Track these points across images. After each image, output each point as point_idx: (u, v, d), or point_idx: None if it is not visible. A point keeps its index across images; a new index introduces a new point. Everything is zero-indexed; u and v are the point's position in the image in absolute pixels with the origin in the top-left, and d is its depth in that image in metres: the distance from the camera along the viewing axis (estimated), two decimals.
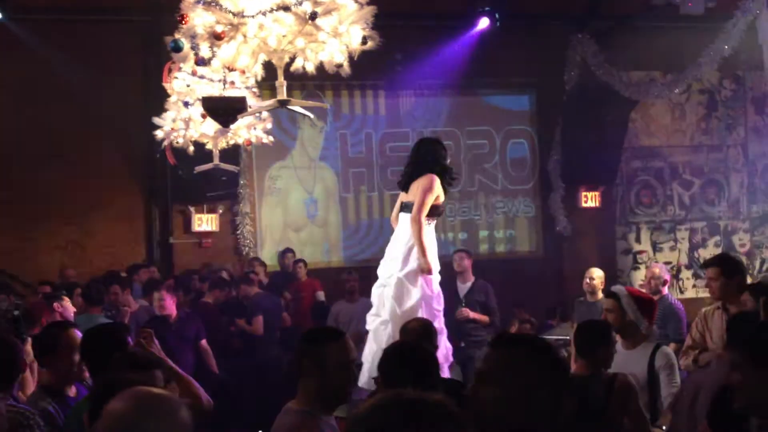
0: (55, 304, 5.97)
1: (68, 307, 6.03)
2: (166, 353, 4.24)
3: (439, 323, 5.97)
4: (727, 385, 2.94)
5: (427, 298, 5.93)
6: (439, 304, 6.10)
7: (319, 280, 10.29)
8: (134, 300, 8.28)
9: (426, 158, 6.09)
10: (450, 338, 6.28)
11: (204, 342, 7.75)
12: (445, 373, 5.80)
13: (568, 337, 6.78)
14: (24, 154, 10.50)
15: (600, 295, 7.24)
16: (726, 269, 5.38)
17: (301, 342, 3.32)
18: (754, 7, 9.34)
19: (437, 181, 5.98)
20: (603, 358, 4.45)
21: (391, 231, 6.31)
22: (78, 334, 4.05)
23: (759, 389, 2.77)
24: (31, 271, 10.08)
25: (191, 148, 6.97)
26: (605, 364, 4.45)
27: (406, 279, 5.92)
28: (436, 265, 6.04)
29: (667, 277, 7.43)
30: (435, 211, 6.06)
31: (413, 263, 5.91)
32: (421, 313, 5.74)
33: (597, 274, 7.69)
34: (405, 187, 6.13)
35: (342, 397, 3.24)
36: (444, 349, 5.89)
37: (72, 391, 4.02)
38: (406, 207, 6.08)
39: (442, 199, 6.06)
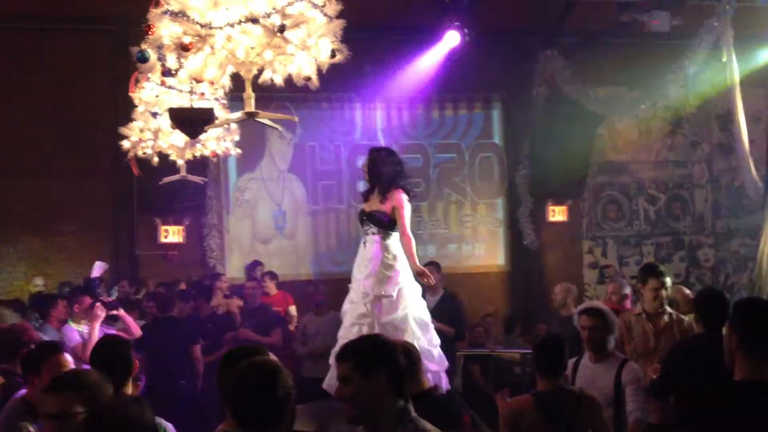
0: None
1: None
2: None
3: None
4: None
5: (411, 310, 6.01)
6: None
7: (290, 294, 10.17)
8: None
9: (389, 174, 6.11)
10: None
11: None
12: (444, 382, 5.95)
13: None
14: None
15: (572, 309, 7.31)
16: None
17: (220, 366, 3.18)
18: (718, 25, 9.50)
19: (406, 200, 6.06)
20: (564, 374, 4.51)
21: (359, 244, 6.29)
22: (69, 360, 3.97)
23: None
24: None
25: (156, 159, 6.91)
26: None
27: (395, 295, 5.98)
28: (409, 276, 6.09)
29: (629, 291, 7.50)
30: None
31: (395, 280, 5.97)
32: (407, 328, 5.85)
33: (563, 289, 7.82)
34: (367, 198, 6.19)
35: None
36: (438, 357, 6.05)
37: None
38: (370, 217, 6.09)
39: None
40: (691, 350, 4.93)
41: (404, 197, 6.03)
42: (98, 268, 8.92)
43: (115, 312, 6.91)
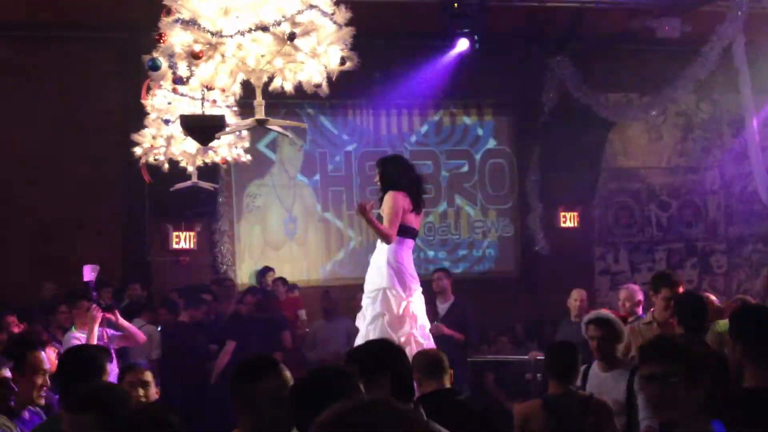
0: None
1: None
2: None
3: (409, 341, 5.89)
4: None
5: (382, 316, 5.88)
6: (403, 324, 5.93)
7: (301, 298, 10.22)
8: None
9: (388, 178, 6.13)
10: None
11: None
12: None
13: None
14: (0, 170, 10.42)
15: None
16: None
17: (232, 377, 3.12)
18: (730, 31, 9.48)
19: (398, 197, 5.98)
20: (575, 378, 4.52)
21: (370, 250, 6.30)
22: (43, 357, 3.89)
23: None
24: (5, 289, 9.96)
25: (166, 166, 6.93)
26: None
27: (373, 297, 5.97)
28: (415, 285, 6.04)
29: (641, 297, 7.46)
30: (406, 231, 6.05)
31: (377, 282, 5.95)
32: (374, 331, 5.78)
33: (581, 296, 7.84)
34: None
35: (282, 430, 2.99)
36: None
37: (26, 415, 3.88)
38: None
39: (411, 216, 6.04)
40: None
41: (392, 195, 5.97)
42: (89, 272, 8.86)
43: (109, 315, 6.87)
